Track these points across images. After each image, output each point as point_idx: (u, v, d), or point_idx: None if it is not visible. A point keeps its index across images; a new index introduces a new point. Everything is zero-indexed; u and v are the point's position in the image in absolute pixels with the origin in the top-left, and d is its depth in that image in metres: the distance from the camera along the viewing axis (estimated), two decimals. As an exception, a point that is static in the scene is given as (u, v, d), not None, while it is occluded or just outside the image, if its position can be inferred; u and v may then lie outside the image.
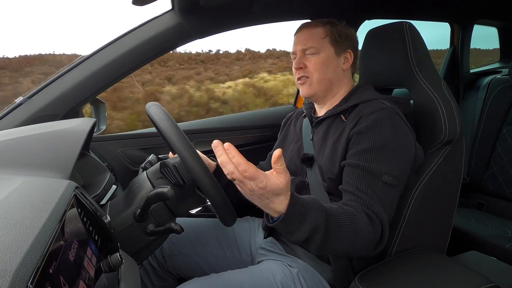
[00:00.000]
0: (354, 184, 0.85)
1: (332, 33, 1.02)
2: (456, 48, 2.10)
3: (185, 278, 1.07)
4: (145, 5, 1.02)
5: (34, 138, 0.75)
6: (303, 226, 0.71)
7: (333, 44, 1.02)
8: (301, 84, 1.04)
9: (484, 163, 1.85)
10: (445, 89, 1.03)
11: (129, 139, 1.42)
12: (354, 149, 0.89)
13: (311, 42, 1.01)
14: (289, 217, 0.69)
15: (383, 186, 0.83)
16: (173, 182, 0.83)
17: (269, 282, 0.90)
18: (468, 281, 0.84)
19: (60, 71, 1.18)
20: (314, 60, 1.01)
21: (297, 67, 1.03)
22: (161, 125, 0.80)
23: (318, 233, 0.72)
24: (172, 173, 0.82)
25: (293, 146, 1.11)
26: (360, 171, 0.85)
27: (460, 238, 1.53)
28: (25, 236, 0.41)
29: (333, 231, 0.74)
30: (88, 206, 0.63)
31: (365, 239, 0.78)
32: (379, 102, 0.93)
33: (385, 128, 0.87)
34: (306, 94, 1.04)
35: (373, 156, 0.85)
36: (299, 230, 0.72)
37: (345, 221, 0.76)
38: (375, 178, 0.83)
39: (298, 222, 0.71)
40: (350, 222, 0.77)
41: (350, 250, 0.79)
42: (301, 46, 1.03)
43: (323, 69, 1.01)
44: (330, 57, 1.02)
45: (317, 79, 1.01)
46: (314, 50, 1.01)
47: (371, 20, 1.63)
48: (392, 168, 0.84)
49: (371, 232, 0.78)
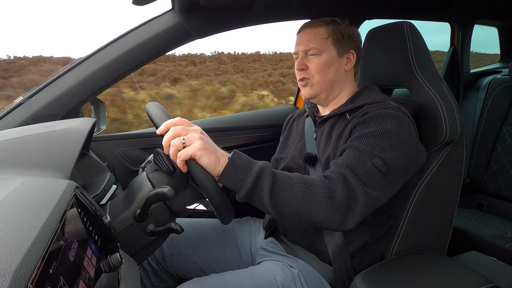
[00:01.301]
0: (342, 158, 0.84)
1: (335, 33, 1.01)
2: (456, 48, 2.10)
3: (185, 279, 1.07)
4: (145, 5, 1.02)
5: (34, 138, 0.75)
6: (251, 168, 0.75)
7: (336, 44, 1.01)
8: (303, 86, 1.04)
9: (484, 163, 1.85)
10: (445, 89, 1.03)
11: (129, 139, 1.42)
12: (354, 134, 0.88)
13: (313, 43, 1.00)
14: (235, 159, 0.75)
15: (371, 167, 0.80)
16: (164, 169, 0.83)
17: (269, 283, 0.90)
18: (468, 281, 0.84)
19: (60, 71, 1.18)
20: (316, 61, 1.00)
21: (299, 68, 1.02)
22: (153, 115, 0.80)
23: (266, 173, 0.74)
24: (163, 160, 0.82)
25: (295, 145, 1.11)
26: (353, 150, 0.84)
27: (460, 238, 1.53)
28: (25, 236, 0.41)
29: (281, 178, 0.76)
30: (88, 206, 0.63)
31: (321, 191, 0.75)
32: (386, 103, 0.92)
33: (389, 121, 0.86)
34: (308, 95, 1.04)
35: (370, 140, 0.84)
36: (247, 174, 0.75)
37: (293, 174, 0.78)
38: (366, 157, 0.81)
39: (245, 165, 0.75)
40: (300, 176, 0.78)
41: (307, 206, 0.75)
42: (303, 46, 1.02)
43: (325, 71, 1.00)
44: (332, 58, 1.01)
45: (318, 80, 1.01)
46: (316, 51, 1.00)
47: (371, 20, 1.63)
48: (386, 156, 0.82)
49: (329, 186, 0.76)
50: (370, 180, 0.79)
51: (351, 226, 0.77)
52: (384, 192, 0.82)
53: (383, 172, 0.81)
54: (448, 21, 2.06)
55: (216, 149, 0.77)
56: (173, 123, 0.76)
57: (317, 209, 0.75)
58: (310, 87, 1.02)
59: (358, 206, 0.76)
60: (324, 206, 0.75)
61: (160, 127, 0.77)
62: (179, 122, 0.77)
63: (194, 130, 0.76)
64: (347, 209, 0.76)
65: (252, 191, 0.75)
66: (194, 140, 0.74)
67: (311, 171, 1.01)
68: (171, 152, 0.75)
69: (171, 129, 0.75)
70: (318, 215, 0.75)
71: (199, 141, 0.74)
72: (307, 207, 0.75)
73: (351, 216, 0.76)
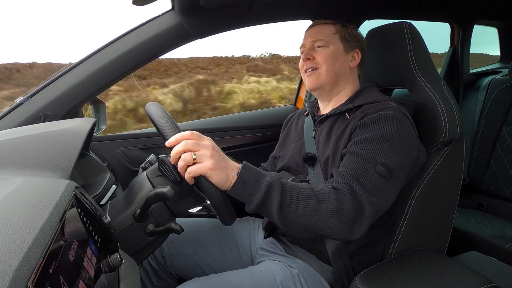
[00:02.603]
0: (345, 166, 0.84)
1: (342, 31, 1.05)
2: (456, 48, 2.10)
3: (185, 279, 1.07)
4: (145, 5, 1.02)
5: (34, 138, 0.75)
6: (261, 183, 0.74)
7: (342, 41, 1.04)
8: (309, 76, 1.04)
9: (484, 163, 1.85)
10: (445, 89, 1.03)
11: (129, 139, 1.42)
12: (355, 139, 0.89)
13: (321, 35, 1.04)
14: (244, 175, 0.74)
15: (374, 174, 0.81)
16: (170, 179, 0.83)
17: (269, 283, 0.90)
18: (468, 281, 0.84)
19: (60, 71, 1.18)
20: (323, 52, 1.03)
21: (305, 58, 1.04)
22: (160, 124, 0.80)
23: (275, 188, 0.74)
24: (169, 169, 0.82)
25: (294, 144, 1.11)
26: (355, 156, 0.84)
27: (460, 239, 1.53)
28: (25, 236, 0.41)
29: (290, 191, 0.75)
30: (88, 206, 0.63)
31: (330, 204, 0.75)
32: (385, 104, 0.92)
33: (389, 123, 0.86)
34: (313, 85, 1.04)
35: (371, 146, 0.84)
36: (255, 189, 0.74)
37: (302, 185, 0.78)
38: (368, 164, 0.82)
39: (255, 180, 0.74)
40: (310, 188, 0.77)
41: (316, 219, 0.76)
42: (311, 38, 1.04)
43: (332, 62, 1.02)
44: (338, 52, 1.03)
45: (325, 70, 1.02)
46: (323, 43, 1.03)
47: (371, 20, 1.63)
48: (388, 160, 0.83)
49: (338, 199, 0.76)
50: (375, 188, 0.81)
51: (357, 237, 0.79)
52: (388, 198, 0.84)
53: (387, 177, 0.82)
54: (448, 21, 2.06)
55: (226, 165, 0.74)
56: (185, 137, 0.73)
57: (325, 223, 0.76)
58: (316, 76, 1.03)
59: (364, 218, 0.78)
60: (332, 219, 0.76)
61: (170, 140, 0.74)
62: (190, 137, 0.73)
63: (206, 146, 0.73)
64: (354, 221, 0.77)
65: (261, 205, 0.75)
66: (205, 159, 0.72)
67: (310, 170, 1.01)
68: (180, 166, 0.73)
69: (182, 143, 0.72)
70: (326, 228, 0.76)
71: (210, 161, 0.71)
72: (315, 219, 0.76)
73: (357, 227, 0.78)
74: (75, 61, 1.19)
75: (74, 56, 3.46)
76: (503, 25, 2.35)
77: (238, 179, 0.74)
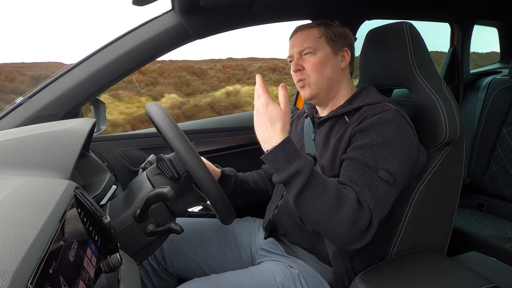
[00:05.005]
0: (348, 175, 0.84)
1: (327, 33, 1.01)
2: (456, 48, 2.10)
3: (185, 279, 1.07)
4: (145, 5, 1.02)
5: (34, 138, 0.75)
6: (290, 165, 0.76)
7: (329, 43, 1.01)
8: (301, 87, 1.03)
9: (484, 163, 1.85)
10: (445, 89, 1.03)
11: (129, 139, 1.42)
12: (354, 144, 0.88)
13: (307, 42, 1.01)
14: (278, 150, 0.76)
15: (378, 180, 0.82)
16: (168, 176, 0.83)
17: (269, 283, 0.90)
18: (468, 282, 0.84)
19: (60, 71, 1.18)
20: (311, 60, 1.00)
21: (295, 69, 1.02)
22: (160, 124, 0.80)
23: (301, 176, 0.75)
24: (167, 166, 0.82)
25: None
26: (356, 163, 0.84)
27: (460, 239, 1.53)
28: (25, 236, 0.41)
29: (316, 185, 0.76)
30: (88, 206, 0.63)
31: (348, 215, 0.76)
32: (384, 105, 0.92)
33: (388, 127, 0.86)
34: (307, 96, 1.03)
35: (371, 151, 0.84)
36: (283, 168, 0.76)
37: (331, 184, 0.78)
38: (371, 171, 0.82)
39: (286, 160, 0.76)
40: (337, 189, 0.78)
41: (329, 220, 0.76)
42: (298, 48, 1.02)
43: (321, 69, 1.00)
44: (327, 56, 1.01)
45: (315, 80, 1.00)
46: (311, 50, 1.00)
47: (371, 20, 1.63)
48: (390, 166, 0.83)
49: (358, 213, 0.76)
50: (377, 191, 0.82)
51: (355, 248, 0.81)
52: (388, 205, 0.85)
53: (391, 183, 0.83)
54: (448, 21, 2.06)
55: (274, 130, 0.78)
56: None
57: (337, 227, 0.77)
58: (309, 87, 1.01)
59: (371, 230, 0.80)
60: (345, 225, 0.76)
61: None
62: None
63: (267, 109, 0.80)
64: (363, 234, 0.79)
65: (284, 184, 0.78)
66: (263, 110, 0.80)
67: None
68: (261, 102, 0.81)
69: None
70: (334, 231, 0.78)
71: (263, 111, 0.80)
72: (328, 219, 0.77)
73: (359, 240, 0.80)
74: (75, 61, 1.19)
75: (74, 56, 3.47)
76: (503, 25, 2.35)
77: (271, 151, 0.77)
